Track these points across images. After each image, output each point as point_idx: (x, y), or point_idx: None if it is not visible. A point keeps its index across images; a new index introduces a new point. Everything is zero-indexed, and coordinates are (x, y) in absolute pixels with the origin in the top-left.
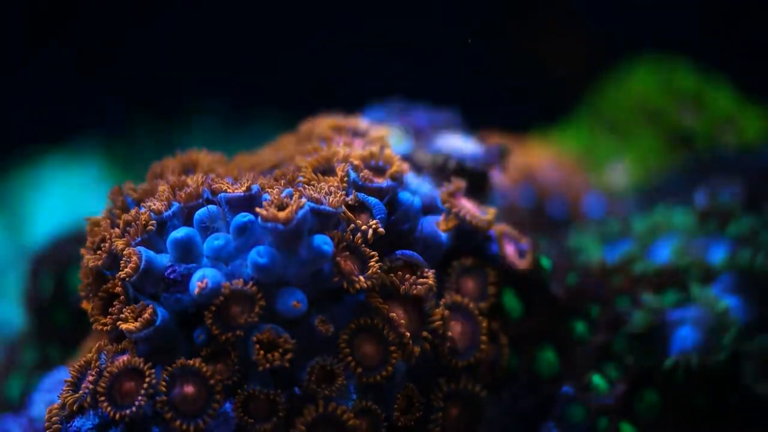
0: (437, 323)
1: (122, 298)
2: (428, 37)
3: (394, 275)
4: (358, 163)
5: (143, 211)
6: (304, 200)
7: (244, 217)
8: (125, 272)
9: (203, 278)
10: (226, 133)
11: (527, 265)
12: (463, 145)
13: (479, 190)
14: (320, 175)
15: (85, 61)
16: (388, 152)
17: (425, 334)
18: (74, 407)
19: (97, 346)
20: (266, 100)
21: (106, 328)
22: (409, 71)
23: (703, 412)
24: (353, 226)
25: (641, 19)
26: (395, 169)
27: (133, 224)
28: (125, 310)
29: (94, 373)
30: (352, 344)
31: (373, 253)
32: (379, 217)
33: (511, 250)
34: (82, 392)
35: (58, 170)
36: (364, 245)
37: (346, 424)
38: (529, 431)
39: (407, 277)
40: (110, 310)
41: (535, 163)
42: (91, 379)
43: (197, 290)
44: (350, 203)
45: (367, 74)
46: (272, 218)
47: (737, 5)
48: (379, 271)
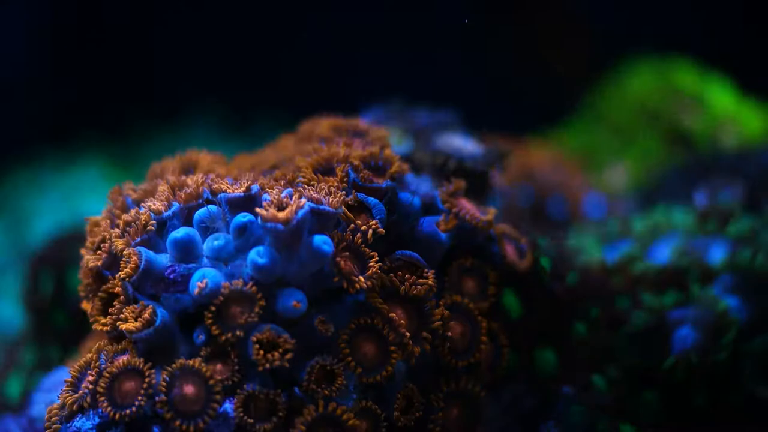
0: (437, 323)
1: (122, 298)
2: (428, 37)
3: (394, 275)
4: (357, 163)
5: (143, 211)
6: (303, 200)
7: (243, 217)
8: (125, 272)
9: (203, 278)
10: (226, 133)
11: (527, 265)
12: (463, 145)
13: (479, 190)
14: (320, 175)
15: (85, 61)
16: (388, 152)
17: (425, 334)
18: (74, 407)
19: (96, 346)
20: (266, 100)
21: (105, 328)
22: (409, 71)
23: (703, 412)
24: (353, 226)
25: (641, 19)
26: (395, 169)
27: (132, 224)
28: (125, 310)
29: (94, 373)
30: (352, 344)
31: (373, 253)
32: (378, 217)
33: (511, 250)
34: (82, 392)
35: (57, 170)
36: (364, 245)
37: (346, 424)
38: (529, 431)
39: (407, 277)
40: (110, 310)
41: (534, 163)
42: (90, 379)
43: (197, 290)
44: (350, 203)
45: (367, 74)
46: (272, 218)
47: (737, 5)
48: (378, 271)
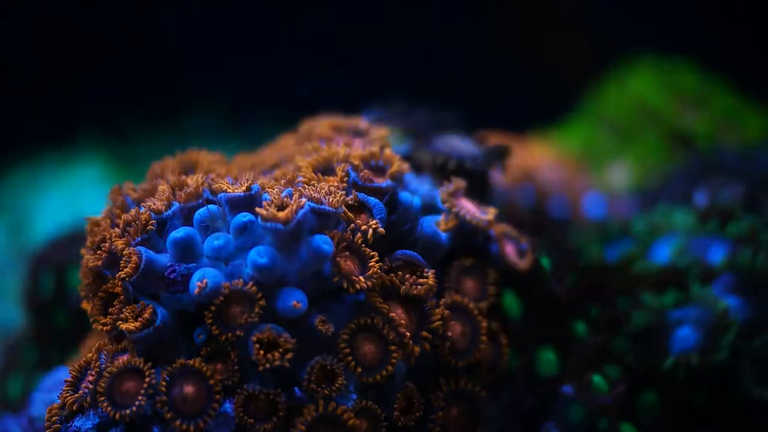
0: (437, 323)
1: (122, 298)
2: (429, 37)
3: (394, 275)
4: (358, 163)
5: (143, 211)
6: (304, 200)
7: (244, 217)
8: (125, 272)
9: (203, 278)
10: (226, 133)
11: (527, 265)
12: (463, 145)
13: (479, 190)
14: (320, 175)
15: (85, 61)
16: (388, 152)
17: (425, 334)
18: (74, 407)
19: (97, 346)
20: (266, 100)
21: (106, 328)
22: (409, 71)
23: (703, 412)
24: (353, 226)
25: (641, 19)
26: (395, 169)
27: (133, 224)
28: (125, 310)
29: (94, 372)
30: (352, 344)
31: (373, 253)
32: (379, 217)
33: (511, 250)
34: (82, 392)
35: (58, 170)
36: (364, 245)
37: (346, 423)
38: (529, 431)
39: (407, 277)
40: (110, 310)
41: (535, 163)
42: (91, 378)
43: (197, 290)
44: (350, 203)
45: (367, 74)
46: (272, 218)
47: (737, 5)
48: (379, 271)
